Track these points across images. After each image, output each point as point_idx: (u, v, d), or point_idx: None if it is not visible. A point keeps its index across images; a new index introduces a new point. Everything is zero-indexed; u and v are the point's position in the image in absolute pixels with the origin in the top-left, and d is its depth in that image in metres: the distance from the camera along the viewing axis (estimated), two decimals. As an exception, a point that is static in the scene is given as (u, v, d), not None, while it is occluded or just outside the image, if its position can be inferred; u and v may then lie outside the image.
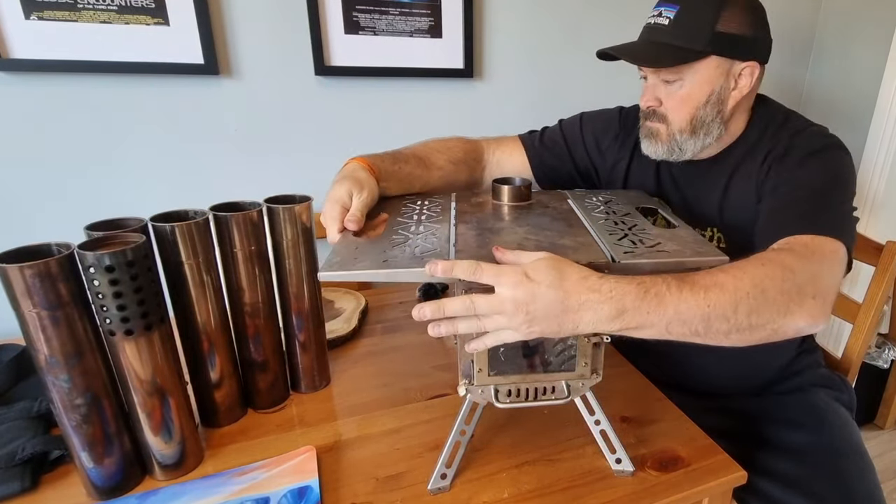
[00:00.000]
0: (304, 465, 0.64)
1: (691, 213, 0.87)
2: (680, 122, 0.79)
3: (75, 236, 0.58)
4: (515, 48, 1.28)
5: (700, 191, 0.87)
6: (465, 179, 0.91)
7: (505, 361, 0.63)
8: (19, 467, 0.61)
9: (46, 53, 0.94)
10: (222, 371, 0.70)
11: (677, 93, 0.78)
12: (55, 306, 0.51)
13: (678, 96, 0.78)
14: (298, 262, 0.73)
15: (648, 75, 0.82)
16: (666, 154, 0.82)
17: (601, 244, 0.61)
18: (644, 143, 0.85)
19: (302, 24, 1.09)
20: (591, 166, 0.98)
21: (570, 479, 0.63)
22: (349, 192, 0.69)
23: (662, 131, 0.81)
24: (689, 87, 0.77)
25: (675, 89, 0.79)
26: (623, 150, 0.95)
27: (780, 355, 0.94)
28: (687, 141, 0.80)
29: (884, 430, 1.73)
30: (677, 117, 0.79)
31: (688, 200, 0.88)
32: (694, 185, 0.88)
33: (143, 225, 0.62)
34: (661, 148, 0.82)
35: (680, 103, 0.78)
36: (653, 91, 0.81)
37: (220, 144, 1.12)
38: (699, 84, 0.77)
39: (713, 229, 0.85)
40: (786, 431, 0.85)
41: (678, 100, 0.79)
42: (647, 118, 0.84)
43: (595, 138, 0.98)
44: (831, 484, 0.76)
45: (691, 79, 0.77)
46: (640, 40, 0.81)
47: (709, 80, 0.77)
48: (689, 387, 0.94)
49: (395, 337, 0.97)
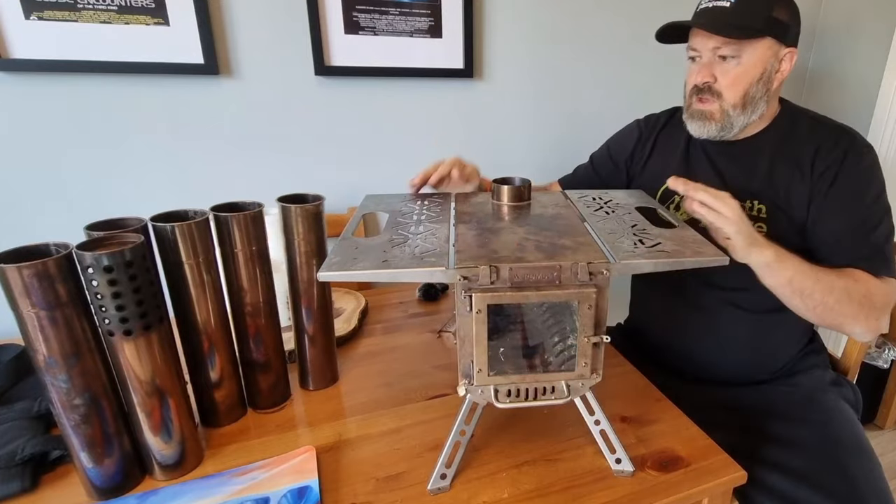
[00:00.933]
0: (303, 465, 0.64)
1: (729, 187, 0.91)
2: (734, 97, 0.85)
3: (75, 236, 0.58)
4: (515, 48, 1.28)
5: (737, 168, 0.92)
6: None
7: (505, 361, 0.63)
8: (19, 467, 0.61)
9: (46, 53, 0.94)
10: (222, 371, 0.70)
11: (733, 69, 0.84)
12: (53, 306, 0.51)
13: (734, 73, 0.84)
14: (310, 259, 0.74)
15: (703, 53, 0.86)
16: (717, 131, 0.88)
17: (601, 244, 0.61)
18: (693, 124, 0.90)
19: (302, 24, 1.09)
20: (626, 177, 1.09)
21: (570, 479, 0.63)
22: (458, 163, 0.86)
23: (715, 109, 0.87)
24: (745, 64, 0.84)
25: (730, 66, 0.85)
26: (646, 147, 1.05)
27: (787, 350, 0.96)
28: (739, 116, 0.87)
29: (884, 430, 1.73)
30: (731, 93, 0.85)
31: (725, 177, 0.93)
32: (730, 162, 0.93)
33: (143, 225, 0.62)
34: (713, 126, 0.88)
35: (735, 79, 0.85)
36: (708, 68, 0.86)
37: (220, 144, 1.12)
38: (753, 62, 0.84)
39: (754, 201, 0.90)
40: (793, 427, 0.86)
41: (733, 76, 0.85)
42: (698, 96, 0.88)
43: (625, 154, 1.08)
44: (839, 478, 0.77)
45: (748, 56, 0.83)
46: (705, 19, 0.84)
47: (762, 60, 0.84)
48: (698, 375, 0.97)
49: (395, 337, 0.97)
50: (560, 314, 0.68)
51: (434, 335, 0.97)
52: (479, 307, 0.55)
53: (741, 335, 0.93)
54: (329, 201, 1.22)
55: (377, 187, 1.21)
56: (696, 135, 0.91)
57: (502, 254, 0.57)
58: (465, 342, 0.58)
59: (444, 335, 0.97)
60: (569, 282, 0.56)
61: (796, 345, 0.97)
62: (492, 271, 0.55)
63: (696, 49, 0.88)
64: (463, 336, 0.57)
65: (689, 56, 0.91)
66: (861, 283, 0.80)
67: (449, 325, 1.00)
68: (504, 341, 0.68)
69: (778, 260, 0.76)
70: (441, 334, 0.98)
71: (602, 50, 1.36)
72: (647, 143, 1.05)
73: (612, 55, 1.37)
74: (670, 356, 1.00)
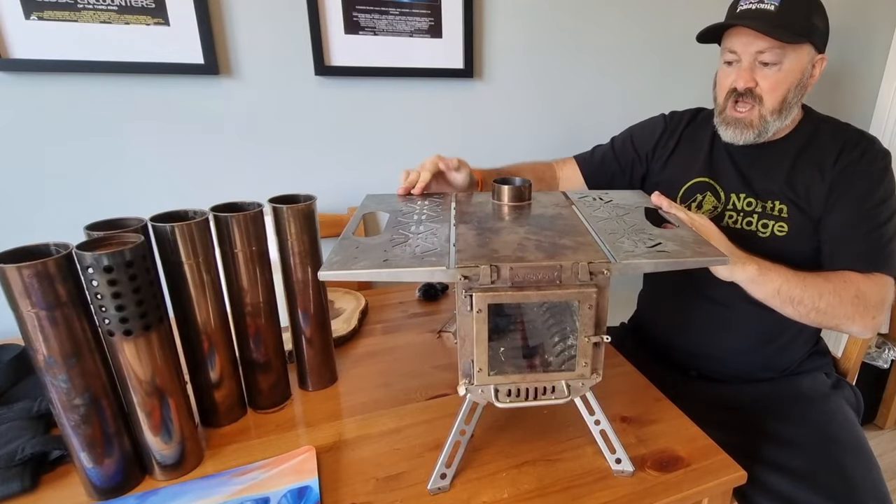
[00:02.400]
0: (303, 465, 0.64)
1: (751, 187, 0.93)
2: (774, 102, 0.85)
3: (75, 236, 0.58)
4: (515, 48, 1.28)
5: (762, 169, 0.93)
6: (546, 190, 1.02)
7: (505, 361, 0.63)
8: (19, 467, 0.61)
9: (46, 53, 0.94)
10: (222, 371, 0.70)
11: (774, 75, 0.84)
12: (53, 306, 0.51)
13: (774, 78, 0.84)
14: (304, 259, 0.74)
15: (744, 56, 0.85)
16: (754, 138, 0.89)
17: (601, 244, 0.61)
18: (729, 131, 0.90)
19: (302, 24, 1.09)
20: (645, 169, 1.09)
21: (570, 479, 0.63)
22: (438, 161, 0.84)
23: (755, 116, 0.87)
24: (786, 70, 0.84)
25: (771, 71, 0.84)
26: (669, 143, 1.05)
27: (796, 348, 0.97)
28: (775, 121, 0.87)
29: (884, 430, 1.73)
30: (771, 98, 0.85)
31: (748, 177, 0.94)
32: (755, 164, 0.94)
33: (142, 225, 0.62)
34: (751, 133, 0.88)
35: (776, 84, 0.85)
36: (749, 72, 0.85)
37: (220, 144, 1.12)
38: (793, 68, 0.84)
39: (775, 202, 0.90)
40: (793, 427, 0.86)
41: (774, 81, 0.84)
42: (736, 102, 0.88)
43: (649, 145, 1.07)
44: (839, 479, 0.77)
45: (790, 62, 0.84)
46: (748, 20, 0.83)
47: (800, 65, 0.85)
48: (702, 372, 0.98)
49: (395, 337, 0.97)
50: (560, 314, 0.68)
51: (434, 335, 0.97)
52: (479, 307, 0.55)
53: (754, 328, 0.93)
54: (329, 201, 1.23)
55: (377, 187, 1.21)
56: (731, 141, 0.90)
57: (503, 253, 0.57)
58: (466, 342, 0.58)
59: (444, 335, 0.97)
60: (569, 282, 0.56)
61: (804, 344, 0.97)
62: (492, 271, 0.55)
63: (735, 52, 0.86)
64: (463, 336, 0.57)
65: (725, 60, 0.89)
66: (851, 283, 0.81)
67: (449, 325, 1.00)
68: (504, 341, 0.68)
69: (762, 273, 0.77)
70: (441, 334, 0.98)
71: (602, 50, 1.36)
72: (672, 139, 1.05)
73: (612, 55, 1.37)
74: (675, 353, 1.00)
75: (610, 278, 0.57)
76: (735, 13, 0.86)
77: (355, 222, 0.70)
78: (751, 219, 0.91)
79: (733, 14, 0.87)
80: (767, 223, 0.90)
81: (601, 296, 0.57)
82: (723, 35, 0.88)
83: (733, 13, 0.87)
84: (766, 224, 0.89)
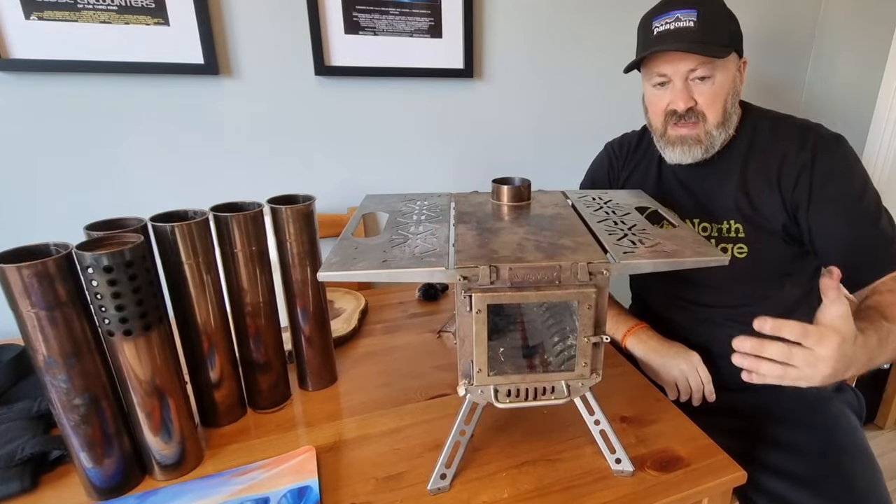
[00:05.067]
0: (303, 465, 0.64)
1: (705, 209, 0.91)
2: (715, 117, 0.84)
3: (75, 236, 0.58)
4: (515, 48, 1.28)
5: (712, 187, 0.90)
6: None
7: (505, 361, 0.63)
8: (19, 467, 0.61)
9: (46, 53, 0.94)
10: (222, 371, 0.70)
11: (710, 89, 0.83)
12: (53, 306, 0.51)
13: (711, 92, 0.83)
14: (303, 260, 0.74)
15: (675, 79, 0.83)
16: (702, 154, 0.86)
17: (601, 244, 0.61)
18: (674, 151, 0.87)
19: (302, 24, 1.09)
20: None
21: (570, 479, 0.63)
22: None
23: (699, 131, 0.85)
24: (720, 82, 0.82)
25: (706, 86, 0.83)
26: (622, 174, 1.03)
27: None
28: (719, 136, 0.85)
29: (884, 430, 1.72)
30: (712, 113, 0.84)
31: (700, 199, 0.92)
32: (704, 182, 0.91)
33: (142, 225, 0.62)
34: (699, 150, 0.86)
35: (714, 98, 0.83)
36: (686, 92, 0.83)
37: (220, 144, 1.12)
38: (725, 78, 0.83)
39: (730, 221, 0.88)
40: (795, 432, 0.85)
41: (711, 95, 0.83)
42: (677, 123, 0.85)
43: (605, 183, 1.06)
44: (840, 484, 0.77)
45: (721, 74, 0.82)
46: (672, 42, 0.81)
47: (731, 75, 0.83)
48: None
49: (395, 337, 0.97)
50: (560, 314, 0.68)
51: (434, 335, 0.97)
52: (478, 307, 0.55)
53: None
54: (329, 201, 1.23)
55: (377, 187, 1.21)
56: (678, 161, 0.87)
57: (502, 254, 0.57)
58: (465, 342, 0.58)
59: (444, 335, 0.97)
60: (568, 282, 0.56)
61: None
62: (491, 271, 0.55)
63: (664, 74, 0.83)
64: (463, 336, 0.57)
65: (653, 83, 0.86)
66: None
67: (449, 325, 1.00)
68: (504, 341, 0.68)
69: (868, 368, 0.68)
70: (441, 334, 0.98)
71: (602, 50, 1.36)
72: (624, 169, 1.03)
73: (611, 55, 1.37)
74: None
75: (609, 278, 0.57)
76: (653, 36, 0.83)
77: (355, 222, 0.70)
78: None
79: (651, 37, 0.84)
80: (726, 247, 0.88)
81: (601, 296, 0.57)
82: (643, 59, 0.85)
83: (650, 37, 0.84)
84: (725, 248, 0.88)
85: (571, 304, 0.60)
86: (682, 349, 0.88)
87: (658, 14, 0.83)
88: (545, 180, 1.35)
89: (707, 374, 0.85)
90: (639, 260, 0.57)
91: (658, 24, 0.83)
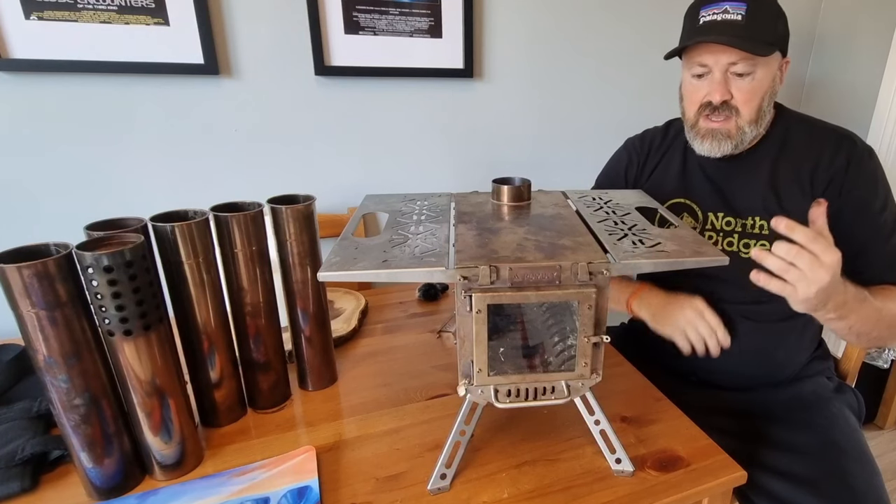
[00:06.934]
0: (303, 465, 0.64)
1: (730, 204, 0.91)
2: (750, 113, 0.83)
3: (75, 236, 0.58)
4: (515, 48, 1.28)
5: (740, 183, 0.90)
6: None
7: (505, 361, 0.63)
8: (19, 467, 0.61)
9: (46, 53, 0.94)
10: (222, 371, 0.70)
11: (748, 85, 0.82)
12: (53, 306, 0.51)
13: (749, 88, 0.82)
14: (303, 260, 0.74)
15: (714, 70, 0.83)
16: (732, 149, 0.86)
17: (601, 244, 0.61)
18: (705, 144, 0.87)
19: (302, 24, 1.09)
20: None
21: (570, 479, 0.63)
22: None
23: (731, 125, 0.84)
24: (759, 79, 0.82)
25: (745, 82, 0.82)
26: (646, 169, 1.02)
27: (797, 357, 0.95)
28: (751, 132, 0.85)
29: (884, 429, 1.72)
30: (747, 109, 0.83)
31: (725, 194, 0.92)
32: (731, 177, 0.91)
33: (142, 225, 0.62)
34: (729, 144, 0.85)
35: (751, 95, 0.82)
36: (724, 85, 0.83)
37: (220, 144, 1.12)
38: (765, 76, 0.82)
39: (754, 218, 0.88)
40: (795, 433, 0.85)
41: (749, 92, 0.82)
42: (710, 115, 0.85)
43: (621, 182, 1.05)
44: (840, 485, 0.77)
45: (762, 71, 0.81)
46: (716, 33, 0.81)
47: (771, 73, 0.83)
48: (703, 379, 0.96)
49: (395, 337, 0.97)
50: (560, 314, 0.68)
51: (434, 335, 0.97)
52: (479, 307, 0.55)
53: (753, 346, 0.91)
54: (329, 201, 1.23)
55: (377, 187, 1.21)
56: (708, 154, 0.87)
57: (502, 254, 0.57)
58: (465, 342, 0.58)
59: (444, 335, 0.97)
60: (569, 282, 0.56)
61: (805, 351, 0.96)
62: (492, 271, 0.55)
63: (705, 65, 0.83)
64: (463, 336, 0.57)
65: (693, 73, 0.86)
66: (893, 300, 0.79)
67: (449, 325, 1.00)
68: (504, 341, 0.68)
69: (840, 318, 0.74)
70: (441, 334, 0.98)
71: (602, 50, 1.36)
72: (646, 165, 1.02)
73: (611, 55, 1.37)
74: (676, 360, 0.98)
75: (609, 278, 0.57)
76: (699, 25, 0.83)
77: (355, 223, 0.70)
78: (731, 239, 0.90)
79: (697, 26, 0.83)
80: (749, 242, 0.88)
81: (601, 296, 0.57)
82: (686, 47, 0.85)
83: (696, 25, 0.83)
84: (748, 244, 0.88)
85: (571, 304, 0.60)
86: (685, 297, 0.87)
87: (707, 3, 0.83)
88: (545, 180, 1.35)
89: (715, 319, 0.84)
90: (639, 260, 0.57)
91: (706, 13, 0.82)
